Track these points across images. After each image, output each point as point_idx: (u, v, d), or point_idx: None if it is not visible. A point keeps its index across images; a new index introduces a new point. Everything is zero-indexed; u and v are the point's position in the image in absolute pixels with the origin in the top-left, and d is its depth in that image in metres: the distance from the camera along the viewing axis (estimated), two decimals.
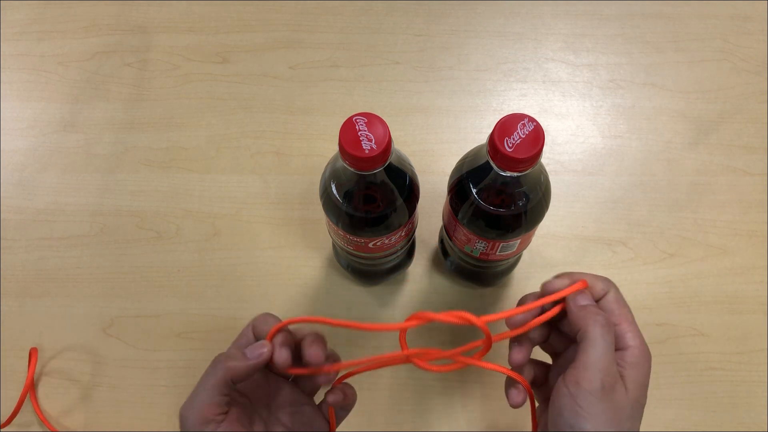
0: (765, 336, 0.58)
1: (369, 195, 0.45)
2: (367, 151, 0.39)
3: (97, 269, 0.61)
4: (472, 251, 0.50)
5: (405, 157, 0.46)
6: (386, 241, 0.48)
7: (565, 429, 0.36)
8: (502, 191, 0.44)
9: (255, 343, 0.40)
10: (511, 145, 0.39)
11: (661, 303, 0.59)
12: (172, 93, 0.68)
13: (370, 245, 0.48)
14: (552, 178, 0.47)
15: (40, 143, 0.66)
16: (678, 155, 0.65)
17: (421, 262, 0.61)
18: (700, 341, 0.57)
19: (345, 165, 0.41)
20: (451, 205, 0.48)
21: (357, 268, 0.58)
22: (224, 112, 0.67)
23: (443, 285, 0.60)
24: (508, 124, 0.39)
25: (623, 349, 0.38)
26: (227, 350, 0.41)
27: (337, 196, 0.45)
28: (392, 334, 0.38)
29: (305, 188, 0.64)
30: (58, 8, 0.73)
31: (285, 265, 0.61)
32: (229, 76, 0.69)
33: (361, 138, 0.39)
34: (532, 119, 0.39)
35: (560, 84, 0.68)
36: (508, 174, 0.41)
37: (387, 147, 0.39)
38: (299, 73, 0.69)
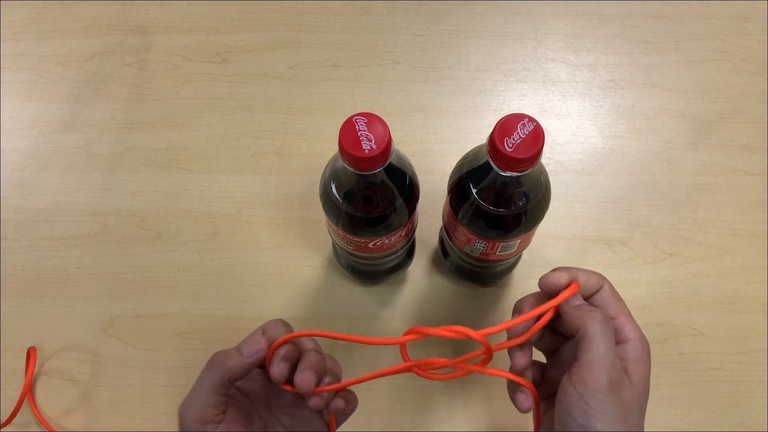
0: (765, 336, 0.58)
1: (369, 195, 0.45)
2: (367, 151, 0.39)
3: (97, 269, 0.61)
4: (472, 251, 0.50)
5: (405, 157, 0.46)
6: (386, 241, 0.48)
7: (575, 429, 0.36)
8: (502, 191, 0.44)
9: (251, 339, 0.39)
10: (511, 145, 0.39)
11: (661, 303, 0.59)
12: (172, 93, 0.68)
13: (370, 245, 0.48)
14: (552, 178, 0.47)
15: (40, 143, 0.66)
16: (678, 155, 0.65)
17: (421, 262, 0.61)
18: (700, 341, 0.57)
19: (345, 165, 0.41)
20: (451, 205, 0.48)
21: (357, 268, 0.58)
22: (224, 112, 0.67)
23: (443, 285, 0.60)
24: (508, 124, 0.39)
25: (623, 342, 0.38)
26: (221, 351, 0.41)
27: (337, 196, 0.45)
28: (394, 347, 0.38)
29: (305, 188, 0.64)
30: (58, 8, 0.73)
31: (285, 265, 0.61)
32: (229, 76, 0.69)
33: (361, 138, 0.39)
34: (532, 119, 0.39)
35: (560, 84, 0.68)
36: (508, 174, 0.41)
37: (387, 147, 0.39)
38: (299, 73, 0.69)
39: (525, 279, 0.60)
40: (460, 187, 0.46)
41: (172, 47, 0.70)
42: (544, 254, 0.61)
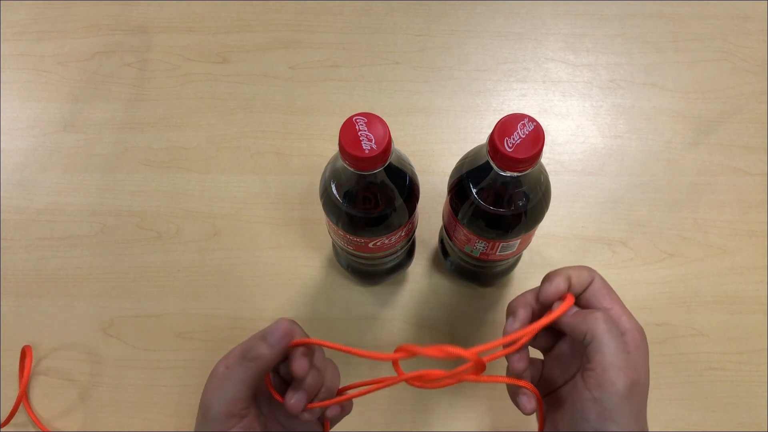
0: (765, 336, 0.58)
1: (369, 195, 0.45)
2: (367, 151, 0.39)
3: (97, 269, 0.61)
4: (472, 251, 0.50)
5: (405, 157, 0.46)
6: (386, 241, 0.48)
7: (588, 431, 0.36)
8: (502, 191, 0.44)
9: (274, 331, 0.39)
10: (511, 145, 0.39)
11: (661, 303, 0.59)
12: (172, 93, 0.68)
13: (370, 245, 0.48)
14: (552, 178, 0.47)
15: (40, 143, 0.66)
16: (678, 155, 0.65)
17: (421, 262, 0.61)
18: (700, 341, 0.57)
19: (345, 165, 0.41)
20: (451, 205, 0.48)
21: (357, 268, 0.58)
22: (224, 112, 0.67)
23: (443, 285, 0.60)
24: (508, 124, 0.39)
25: (622, 334, 0.38)
26: (245, 345, 0.41)
27: (337, 196, 0.45)
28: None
29: (305, 188, 0.64)
30: (58, 8, 0.73)
31: (285, 265, 0.61)
32: (229, 76, 0.69)
33: (361, 138, 0.39)
34: (532, 119, 0.39)
35: (560, 84, 0.68)
36: (508, 174, 0.41)
37: (387, 147, 0.39)
38: (299, 73, 0.69)
39: (525, 279, 0.60)
40: (460, 187, 0.46)
41: (172, 47, 0.70)
42: (544, 254, 0.61)
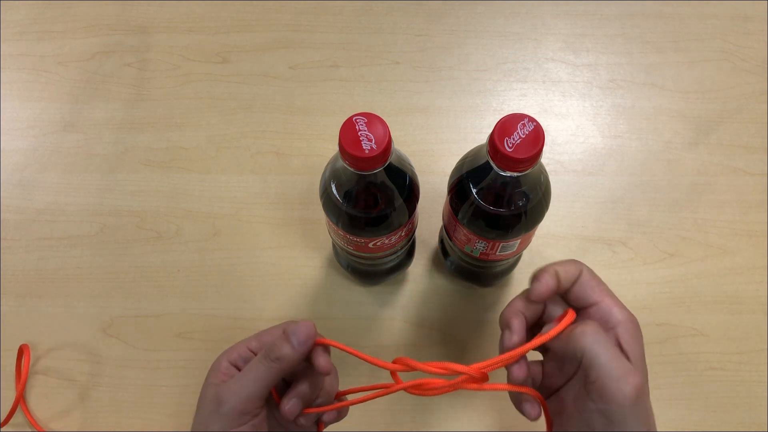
0: (765, 336, 0.58)
1: (369, 195, 0.45)
2: (367, 151, 0.39)
3: (97, 269, 0.61)
4: (472, 251, 0.50)
5: (405, 157, 0.46)
6: (386, 241, 0.48)
7: None
8: (502, 191, 0.44)
9: (298, 333, 0.38)
10: (511, 145, 0.39)
11: (661, 303, 0.59)
12: (172, 93, 0.68)
13: (370, 245, 0.48)
14: (552, 178, 0.47)
15: (40, 143, 0.66)
16: (678, 155, 0.65)
17: (421, 262, 0.61)
18: (700, 341, 0.57)
19: (345, 165, 0.41)
20: (451, 205, 0.48)
21: (357, 268, 0.58)
22: (224, 112, 0.67)
23: (443, 285, 0.60)
24: (508, 124, 0.39)
25: (613, 327, 0.38)
26: (262, 340, 0.41)
27: (337, 196, 0.45)
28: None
29: (305, 188, 0.64)
30: (58, 8, 0.73)
31: (285, 265, 0.61)
32: (229, 76, 0.69)
33: (361, 138, 0.39)
34: (532, 119, 0.39)
35: (560, 84, 0.68)
36: (508, 174, 0.41)
37: (387, 147, 0.39)
38: (299, 73, 0.69)
39: (525, 279, 0.60)
40: (460, 187, 0.46)
41: (172, 47, 0.70)
42: (544, 254, 0.61)
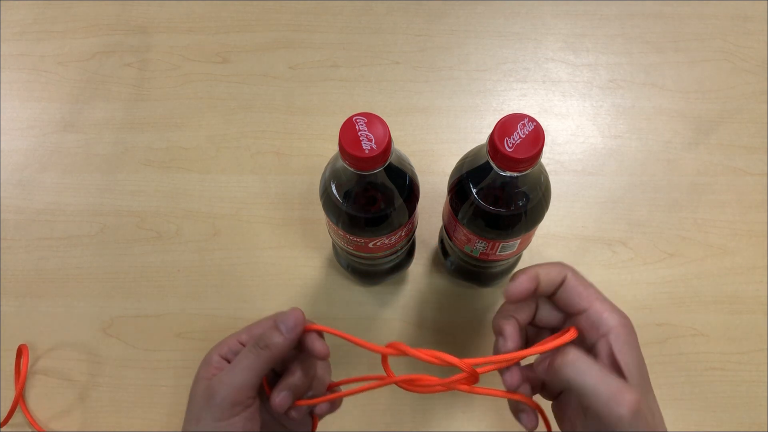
0: (765, 336, 0.58)
1: (369, 195, 0.45)
2: (367, 151, 0.39)
3: (97, 269, 0.61)
4: (472, 251, 0.50)
5: (405, 157, 0.46)
6: (386, 241, 0.48)
7: None
8: (502, 191, 0.44)
9: (286, 319, 0.38)
10: (511, 145, 0.39)
11: (661, 303, 0.59)
12: (172, 93, 0.68)
13: (370, 245, 0.48)
14: (552, 178, 0.47)
15: (40, 143, 0.66)
16: (678, 155, 0.65)
17: (421, 262, 0.61)
18: (700, 341, 0.57)
19: (345, 165, 0.41)
20: (451, 205, 0.48)
21: (357, 268, 0.58)
22: (224, 112, 0.67)
23: (443, 285, 0.60)
24: (508, 124, 0.39)
25: (605, 334, 0.36)
26: (252, 332, 0.41)
27: (337, 196, 0.45)
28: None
29: (305, 188, 0.64)
30: (58, 8, 0.73)
31: (285, 265, 0.61)
32: (229, 76, 0.69)
33: (361, 138, 0.39)
34: (532, 119, 0.39)
35: (560, 84, 0.68)
36: (508, 174, 0.41)
37: (387, 147, 0.39)
38: (299, 73, 0.69)
39: None
40: (460, 187, 0.46)
41: (172, 47, 0.70)
42: (544, 254, 0.61)
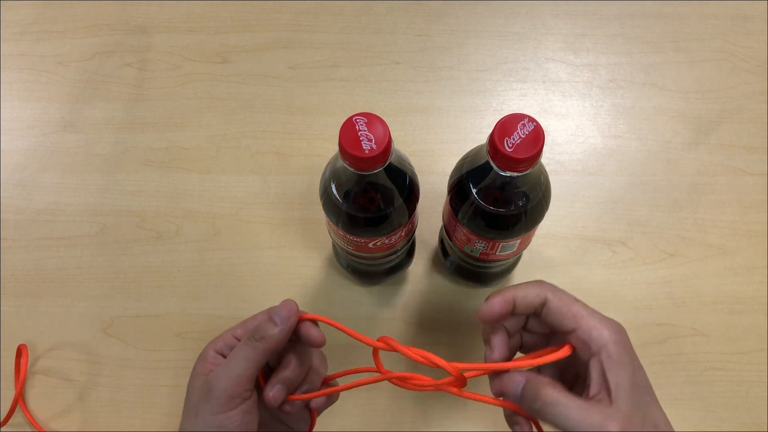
0: (765, 336, 0.58)
1: (369, 195, 0.45)
2: (367, 151, 0.39)
3: (97, 269, 0.61)
4: (472, 251, 0.50)
5: (405, 157, 0.46)
6: (386, 241, 0.48)
7: None
8: (502, 191, 0.44)
9: (280, 311, 0.38)
10: (511, 145, 0.39)
11: (661, 303, 0.59)
12: (172, 93, 0.68)
13: (370, 245, 0.48)
14: (552, 178, 0.47)
15: (40, 143, 0.66)
16: (678, 155, 0.65)
17: (421, 262, 0.61)
18: (700, 341, 0.57)
19: (345, 165, 0.41)
20: (451, 205, 0.48)
21: (357, 268, 0.58)
22: (224, 112, 0.67)
23: (443, 285, 0.60)
24: (508, 124, 0.39)
25: (596, 353, 0.35)
26: (247, 326, 0.41)
27: (337, 196, 0.45)
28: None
29: (305, 188, 0.64)
30: (58, 8, 0.73)
31: (285, 265, 0.61)
32: (229, 76, 0.69)
33: (361, 138, 0.39)
34: (532, 119, 0.39)
35: (560, 84, 0.68)
36: (508, 174, 0.41)
37: (387, 147, 0.39)
38: (299, 73, 0.69)
39: (525, 279, 0.60)
40: (460, 187, 0.46)
41: (172, 47, 0.70)
42: (544, 254, 0.61)
